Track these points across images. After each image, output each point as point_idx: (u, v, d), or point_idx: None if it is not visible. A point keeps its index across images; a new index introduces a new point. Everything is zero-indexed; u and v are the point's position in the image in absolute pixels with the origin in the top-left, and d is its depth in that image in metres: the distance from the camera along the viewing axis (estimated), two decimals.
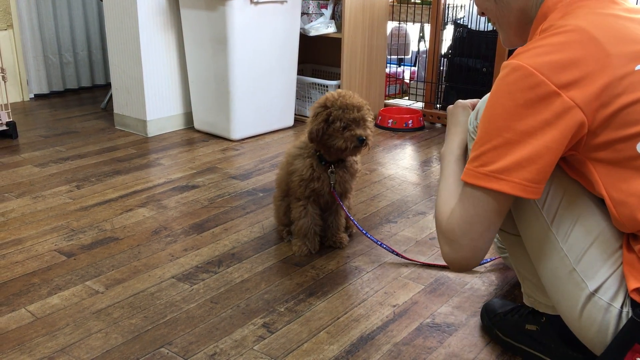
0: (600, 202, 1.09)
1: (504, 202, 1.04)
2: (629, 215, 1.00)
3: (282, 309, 1.48)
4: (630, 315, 1.01)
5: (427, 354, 1.33)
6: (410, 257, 1.75)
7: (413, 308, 1.50)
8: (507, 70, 1.01)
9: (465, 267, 1.12)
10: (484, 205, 1.04)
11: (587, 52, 0.97)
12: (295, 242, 1.78)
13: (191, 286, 1.59)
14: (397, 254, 1.75)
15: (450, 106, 1.35)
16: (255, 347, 1.33)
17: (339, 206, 1.78)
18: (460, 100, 1.34)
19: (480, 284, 1.62)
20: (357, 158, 1.79)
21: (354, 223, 1.78)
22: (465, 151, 1.26)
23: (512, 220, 1.22)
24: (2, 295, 1.53)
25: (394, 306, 1.51)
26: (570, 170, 1.09)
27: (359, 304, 1.51)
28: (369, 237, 1.77)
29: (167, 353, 1.31)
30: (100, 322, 1.42)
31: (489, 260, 1.73)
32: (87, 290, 1.56)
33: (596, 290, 1.04)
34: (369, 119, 1.67)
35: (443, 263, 1.71)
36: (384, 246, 1.77)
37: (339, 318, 1.45)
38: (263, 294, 1.55)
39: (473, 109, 1.31)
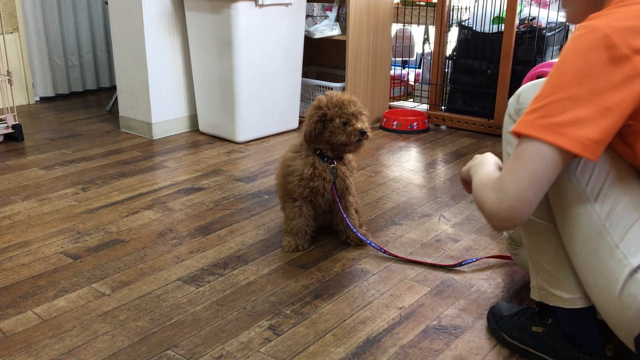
0: None
1: (560, 157, 1.01)
2: None
3: (288, 311, 1.48)
4: None
5: (433, 356, 1.32)
6: (407, 258, 1.74)
7: (419, 310, 1.50)
8: (583, 31, 1.00)
9: (509, 219, 1.05)
10: (540, 157, 1.00)
11: None
12: (285, 238, 1.82)
13: (197, 288, 1.59)
14: (394, 256, 1.75)
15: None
16: (261, 350, 1.33)
17: (348, 203, 1.83)
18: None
19: (486, 286, 1.61)
20: (352, 155, 1.85)
21: (347, 222, 1.79)
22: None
23: (543, 207, 1.20)
24: (9, 297, 1.54)
25: (400, 308, 1.51)
26: (620, 143, 1.07)
27: (365, 307, 1.51)
28: (361, 238, 1.80)
29: (174, 355, 1.31)
30: (107, 324, 1.42)
31: (474, 259, 1.73)
32: (94, 293, 1.56)
33: (639, 267, 1.03)
34: (365, 113, 1.73)
35: (447, 264, 1.71)
36: (373, 245, 1.78)
37: (345, 320, 1.45)
38: (269, 296, 1.55)
39: None
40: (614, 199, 1.08)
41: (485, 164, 1.26)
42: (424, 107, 3.42)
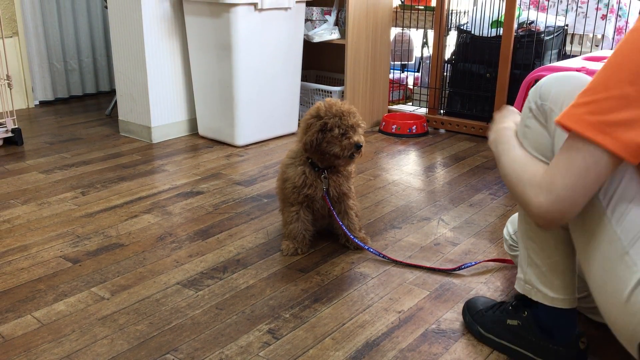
0: None
1: (611, 160, 0.96)
2: None
3: (287, 315, 1.49)
4: None
5: None
6: (406, 262, 1.75)
7: (418, 314, 1.50)
8: None
9: (557, 220, 1.03)
10: (593, 162, 0.96)
11: None
12: (284, 242, 1.83)
13: (196, 292, 1.59)
14: (392, 260, 1.75)
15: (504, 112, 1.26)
16: (260, 354, 1.33)
17: (347, 207, 1.83)
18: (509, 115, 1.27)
19: (485, 290, 1.61)
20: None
21: (343, 228, 1.80)
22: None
23: None
24: (8, 301, 1.54)
25: (399, 312, 1.51)
26: None
27: (364, 310, 1.51)
28: (359, 244, 1.81)
29: (173, 359, 1.31)
30: (106, 328, 1.42)
31: (473, 263, 1.73)
32: (93, 297, 1.56)
33: None
34: (362, 125, 1.72)
35: (446, 267, 1.71)
36: (372, 250, 1.78)
37: (344, 324, 1.45)
38: (268, 300, 1.55)
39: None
40: (627, 204, 1.05)
41: (513, 145, 1.18)
42: (422, 110, 3.43)
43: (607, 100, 0.93)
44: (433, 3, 3.39)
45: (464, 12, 3.34)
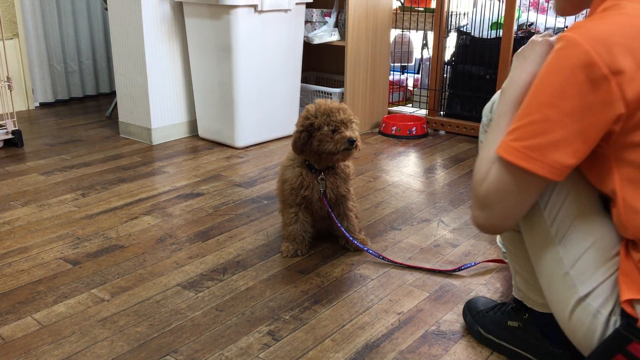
0: (603, 205, 1.07)
1: (535, 181, 1.01)
2: (638, 225, 0.97)
3: (287, 317, 1.49)
4: (617, 324, 1.00)
5: None
6: (405, 263, 1.75)
7: (418, 316, 1.50)
8: (562, 44, 0.95)
9: (492, 231, 1.12)
10: (517, 180, 1.01)
11: None
12: (283, 244, 1.83)
13: (196, 294, 1.59)
14: (392, 262, 1.75)
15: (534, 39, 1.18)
16: (260, 355, 1.33)
17: (347, 208, 1.83)
18: (539, 37, 1.16)
19: (485, 291, 1.61)
20: (349, 162, 1.83)
21: (341, 229, 1.80)
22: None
23: None
24: (8, 303, 1.54)
25: (399, 314, 1.51)
26: (585, 163, 1.03)
27: (364, 312, 1.51)
28: (358, 245, 1.80)
29: None
30: (106, 330, 1.43)
31: (473, 264, 1.73)
32: (93, 298, 1.56)
33: (586, 296, 1.04)
34: (356, 121, 1.70)
35: (446, 269, 1.72)
36: (371, 252, 1.78)
37: (344, 326, 1.45)
38: (268, 302, 1.55)
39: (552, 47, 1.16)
40: (570, 224, 1.07)
41: (501, 114, 1.11)
42: (422, 112, 3.43)
43: (530, 125, 0.97)
44: (433, 5, 3.39)
45: (464, 14, 3.35)
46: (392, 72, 3.60)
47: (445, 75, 3.30)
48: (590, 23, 0.95)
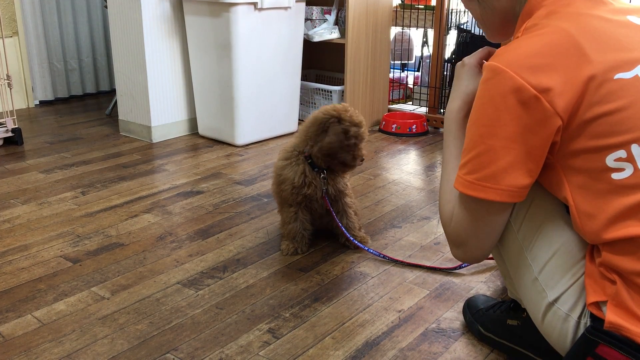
0: (567, 211, 1.08)
1: (498, 206, 1.05)
2: (592, 229, 0.99)
3: (287, 315, 1.49)
4: (588, 326, 1.01)
5: (432, 359, 1.33)
6: (405, 261, 1.75)
7: (418, 313, 1.50)
8: (488, 74, 0.99)
9: (477, 261, 1.16)
10: (481, 211, 1.06)
11: (569, 56, 0.95)
12: (283, 242, 1.82)
13: (196, 292, 1.59)
14: (392, 260, 1.75)
15: (459, 63, 1.29)
16: (260, 353, 1.33)
17: (345, 205, 1.83)
18: (466, 58, 1.27)
19: (485, 289, 1.61)
20: None
21: (341, 228, 1.80)
22: (467, 114, 1.19)
23: None
24: (9, 301, 1.54)
25: (399, 311, 1.51)
26: (540, 174, 1.07)
27: (364, 310, 1.51)
28: (358, 245, 1.81)
29: (173, 359, 1.31)
30: (106, 328, 1.43)
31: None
32: (93, 296, 1.56)
33: (555, 300, 1.05)
34: (366, 138, 1.75)
35: (446, 266, 1.72)
36: (371, 250, 1.79)
37: (344, 323, 1.45)
38: (268, 300, 1.55)
39: (480, 66, 1.24)
40: (534, 232, 1.09)
41: (447, 145, 1.21)
42: (423, 110, 3.42)
43: (478, 158, 1.01)
44: (433, 2, 3.38)
45: (464, 11, 3.34)
46: (392, 70, 3.59)
47: (445, 73, 3.30)
48: (511, 47, 0.99)
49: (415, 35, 3.68)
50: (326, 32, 3.19)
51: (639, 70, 0.95)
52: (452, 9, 3.26)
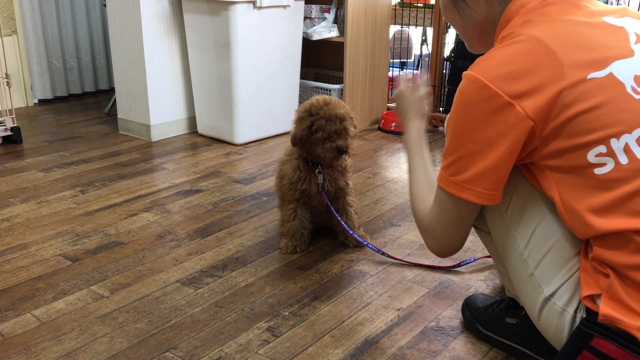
0: None
1: (474, 206, 1.12)
2: (581, 225, 1.01)
3: (287, 313, 1.49)
4: (582, 318, 1.03)
5: (431, 357, 1.33)
6: (405, 259, 1.75)
7: (417, 311, 1.50)
8: (465, 82, 1.04)
9: (449, 255, 1.25)
10: (459, 208, 1.12)
11: (540, 62, 0.99)
12: (282, 240, 1.82)
13: (196, 290, 1.59)
14: (392, 257, 1.75)
15: (395, 91, 1.42)
16: (260, 351, 1.34)
17: (346, 203, 1.83)
18: (401, 85, 1.41)
19: (484, 287, 1.62)
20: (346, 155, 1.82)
21: (341, 224, 1.80)
22: (424, 135, 1.36)
23: (485, 219, 1.26)
24: (8, 300, 1.54)
25: (399, 310, 1.51)
26: (529, 176, 1.12)
27: (364, 308, 1.52)
28: (358, 239, 1.81)
29: (172, 357, 1.31)
30: (106, 326, 1.43)
31: (472, 260, 1.74)
32: (92, 295, 1.56)
33: (552, 295, 1.07)
34: (351, 129, 1.70)
35: (445, 265, 1.72)
36: (371, 246, 1.79)
37: (343, 322, 1.45)
38: (267, 298, 1.56)
39: (417, 85, 1.40)
40: (530, 228, 1.12)
41: (411, 160, 1.34)
42: None
43: (459, 161, 1.07)
44: (432, 1, 3.39)
45: None
46: (391, 68, 3.59)
47: (444, 72, 3.30)
48: (486, 57, 1.05)
49: (415, 33, 3.67)
50: (325, 30, 3.19)
51: (613, 68, 0.98)
52: None
